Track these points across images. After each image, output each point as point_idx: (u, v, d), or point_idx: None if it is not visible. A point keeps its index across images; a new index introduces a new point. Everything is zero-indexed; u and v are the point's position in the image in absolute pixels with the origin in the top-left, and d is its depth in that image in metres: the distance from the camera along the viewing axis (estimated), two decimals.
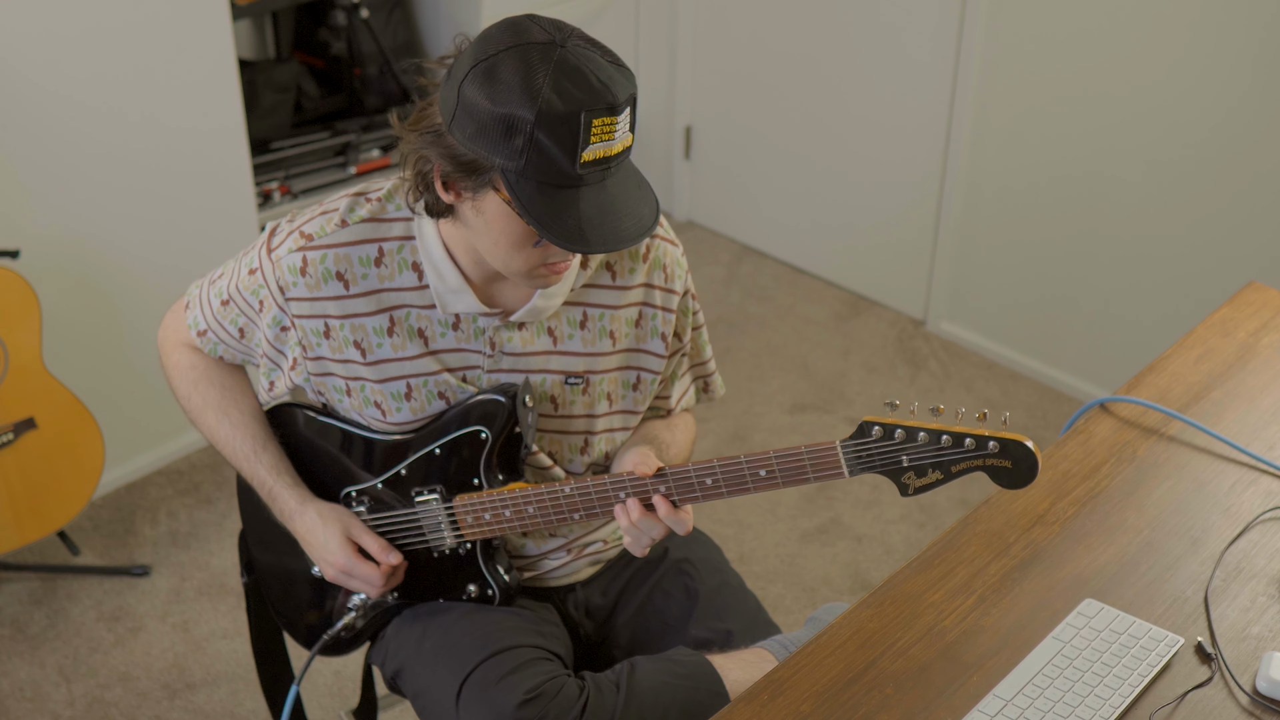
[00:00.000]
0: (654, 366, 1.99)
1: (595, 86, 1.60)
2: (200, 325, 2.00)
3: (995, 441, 1.66)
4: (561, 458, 1.99)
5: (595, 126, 1.60)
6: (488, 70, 1.62)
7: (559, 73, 1.60)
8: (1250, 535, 1.93)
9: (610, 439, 2.00)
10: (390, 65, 3.88)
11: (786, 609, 3.18)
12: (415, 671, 2.02)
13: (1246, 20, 3.24)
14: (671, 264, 1.96)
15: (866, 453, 1.70)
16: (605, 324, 1.93)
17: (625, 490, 1.83)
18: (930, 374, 3.99)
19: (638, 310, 1.95)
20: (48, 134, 3.07)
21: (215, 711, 2.92)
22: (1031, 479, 1.67)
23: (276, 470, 1.99)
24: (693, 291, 2.02)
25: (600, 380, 1.95)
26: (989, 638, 1.76)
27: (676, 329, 2.00)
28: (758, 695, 1.70)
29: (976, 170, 3.88)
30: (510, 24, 1.66)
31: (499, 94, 1.60)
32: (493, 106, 1.61)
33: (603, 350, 1.94)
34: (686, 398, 2.11)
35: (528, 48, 1.61)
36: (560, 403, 1.94)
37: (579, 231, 1.64)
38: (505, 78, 1.60)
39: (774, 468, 1.75)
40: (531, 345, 1.90)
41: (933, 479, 1.69)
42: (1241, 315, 2.39)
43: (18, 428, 2.95)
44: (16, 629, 3.09)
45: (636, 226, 1.68)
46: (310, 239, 1.84)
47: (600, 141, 1.62)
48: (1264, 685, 1.68)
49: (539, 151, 1.61)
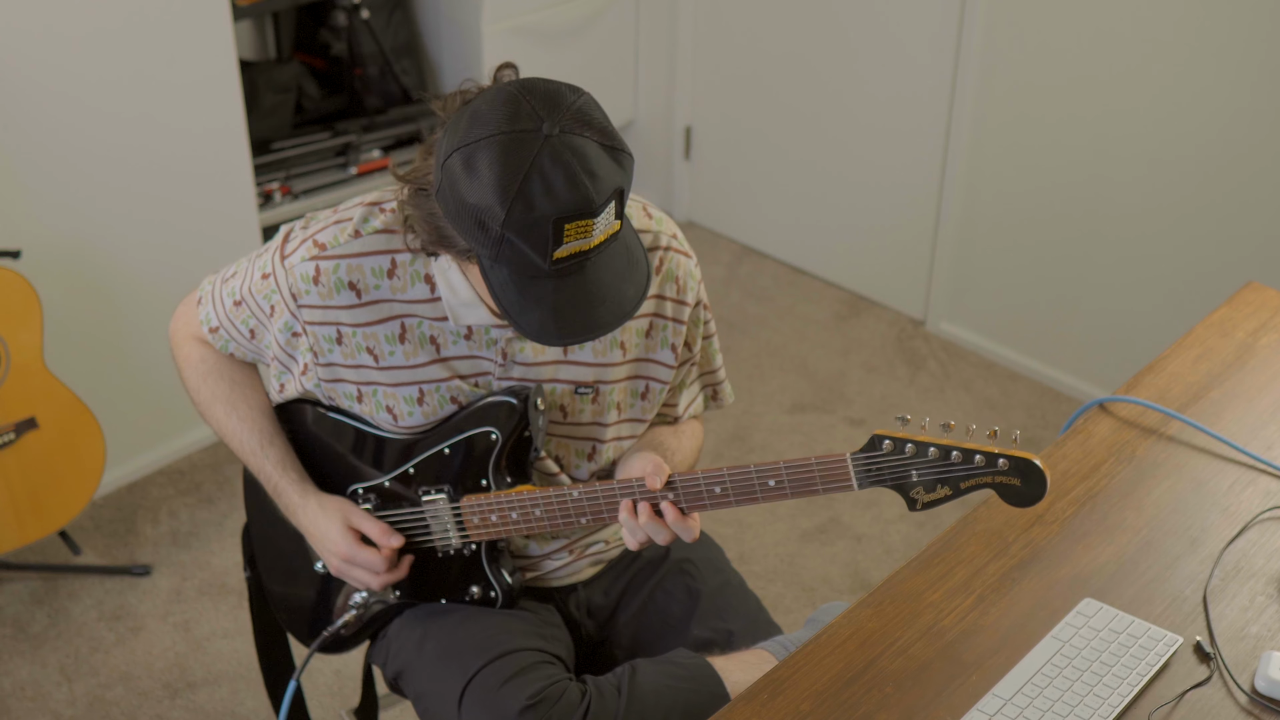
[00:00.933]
0: (663, 376, 1.98)
1: (574, 188, 1.55)
2: (213, 322, 2.00)
3: (1005, 459, 1.66)
4: (568, 463, 1.99)
5: (569, 230, 1.56)
6: (467, 159, 1.58)
7: (536, 173, 1.55)
8: (1249, 535, 1.93)
9: (618, 446, 2.00)
10: (391, 66, 3.89)
11: (786, 608, 3.18)
12: (417, 673, 2.02)
13: (1246, 22, 3.25)
14: (684, 276, 1.95)
15: (876, 466, 1.70)
16: (615, 335, 1.92)
17: (634, 496, 1.83)
18: (930, 374, 3.99)
19: (648, 321, 1.94)
20: (49, 135, 3.08)
21: (216, 711, 2.92)
22: (1040, 497, 1.66)
23: (282, 465, 1.99)
24: (705, 302, 2.01)
25: (610, 390, 1.95)
26: (988, 637, 1.76)
27: (687, 339, 1.99)
28: (758, 694, 1.70)
29: (976, 171, 3.88)
30: (504, 100, 1.60)
31: (474, 187, 1.57)
32: (468, 197, 1.58)
33: (612, 361, 1.93)
34: (695, 405, 2.10)
35: (511, 138, 1.56)
36: (569, 411, 1.95)
37: (548, 323, 1.62)
38: (482, 171, 1.57)
39: (783, 478, 1.74)
40: (543, 355, 1.90)
41: (941, 494, 1.69)
42: (1240, 315, 2.39)
43: (19, 427, 2.96)
44: (18, 628, 3.09)
45: (614, 312, 1.65)
46: (324, 248, 1.84)
47: (577, 239, 1.58)
48: (1263, 684, 1.68)
49: (510, 248, 1.58)
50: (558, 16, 4.13)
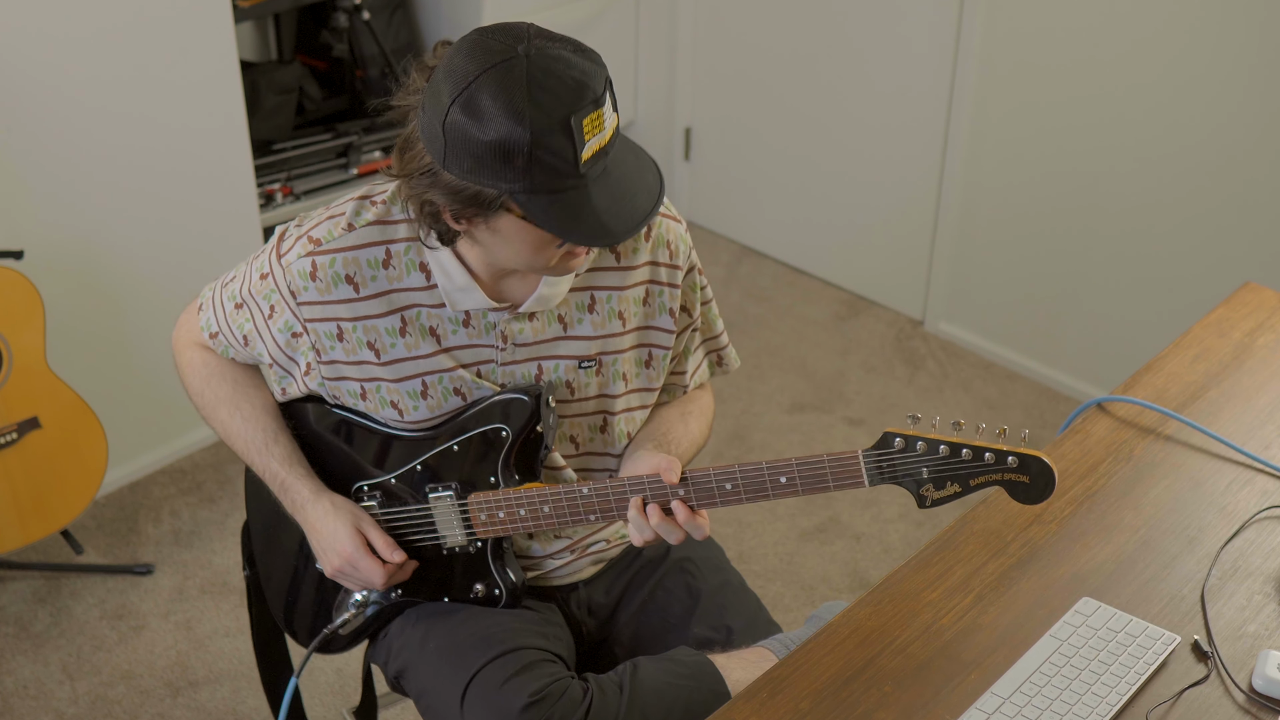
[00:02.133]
0: (664, 342, 1.99)
1: (573, 86, 1.61)
2: (213, 327, 2.01)
3: (1014, 456, 1.67)
4: (582, 440, 1.99)
5: (586, 125, 1.62)
6: (467, 103, 1.62)
7: (533, 85, 1.60)
8: (1246, 534, 1.93)
9: (630, 418, 2.00)
10: (392, 67, 3.88)
11: (786, 607, 3.18)
12: (419, 672, 2.02)
13: (1243, 21, 3.25)
14: (675, 240, 1.97)
15: (888, 463, 1.71)
16: (614, 305, 1.93)
17: (644, 493, 1.83)
18: (928, 374, 4.00)
19: (644, 289, 1.95)
20: (52, 136, 3.08)
21: (217, 709, 2.93)
22: (1048, 494, 1.68)
23: (289, 462, 1.99)
24: (699, 266, 2.02)
25: (614, 360, 1.95)
26: (987, 636, 1.77)
27: (684, 303, 2.00)
28: (757, 693, 1.70)
29: (974, 172, 3.88)
30: (469, 47, 1.65)
31: (487, 125, 1.61)
32: (483, 137, 1.61)
33: (614, 331, 1.94)
34: (700, 372, 2.11)
35: (496, 70, 1.61)
36: (575, 387, 1.95)
37: (601, 226, 1.66)
38: (487, 107, 1.61)
39: (795, 475, 1.75)
40: (543, 334, 1.91)
41: (951, 491, 1.70)
42: (1237, 315, 2.39)
43: (21, 427, 2.96)
44: (20, 627, 3.10)
45: (647, 198, 1.71)
46: (318, 244, 1.85)
47: (594, 136, 1.63)
48: (1260, 683, 1.68)
49: (541, 166, 1.62)
50: (558, 18, 4.14)
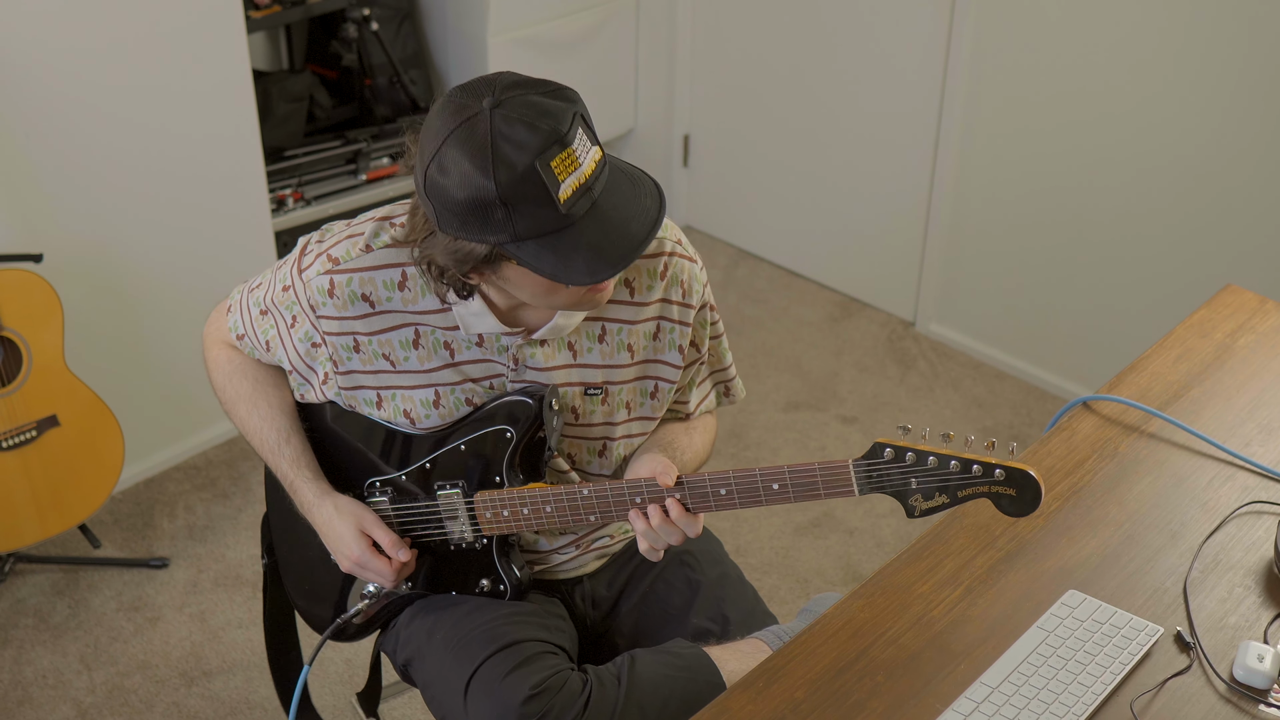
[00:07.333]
0: (670, 376, 2.00)
1: (536, 130, 1.60)
2: (240, 329, 2.03)
3: (1001, 469, 1.66)
4: (580, 460, 2.01)
5: (555, 166, 1.60)
6: (439, 166, 1.64)
7: (496, 138, 1.60)
8: (1227, 528, 1.96)
9: (629, 444, 2.01)
10: (400, 76, 3.89)
11: (781, 599, 3.19)
12: (425, 662, 2.05)
13: (1226, 29, 3.26)
14: (689, 279, 1.97)
15: (878, 473, 1.71)
16: (623, 338, 1.94)
17: (641, 495, 1.85)
18: (919, 374, 4.00)
19: (655, 324, 1.96)
20: (70, 142, 3.09)
21: (231, 699, 2.94)
22: (1034, 508, 1.67)
23: (298, 464, 2.00)
24: (711, 304, 2.02)
25: (619, 390, 1.97)
26: (976, 627, 1.79)
27: (694, 340, 2.00)
28: (753, 683, 1.72)
29: (964, 178, 3.89)
30: (440, 107, 1.67)
31: (457, 184, 1.63)
32: (458, 196, 1.63)
33: (621, 363, 1.95)
34: (707, 402, 2.11)
35: (461, 128, 1.62)
36: (581, 412, 1.96)
37: (593, 263, 1.65)
38: (454, 167, 1.62)
39: (786, 482, 1.76)
40: (553, 360, 1.92)
41: (939, 502, 1.69)
42: (1219, 317, 2.41)
43: (41, 425, 2.98)
44: (39, 619, 3.11)
45: (643, 225, 1.68)
46: (337, 263, 1.88)
47: (570, 175, 1.62)
48: (1240, 673, 1.71)
49: (521, 215, 1.62)
50: (560, 28, 4.14)
